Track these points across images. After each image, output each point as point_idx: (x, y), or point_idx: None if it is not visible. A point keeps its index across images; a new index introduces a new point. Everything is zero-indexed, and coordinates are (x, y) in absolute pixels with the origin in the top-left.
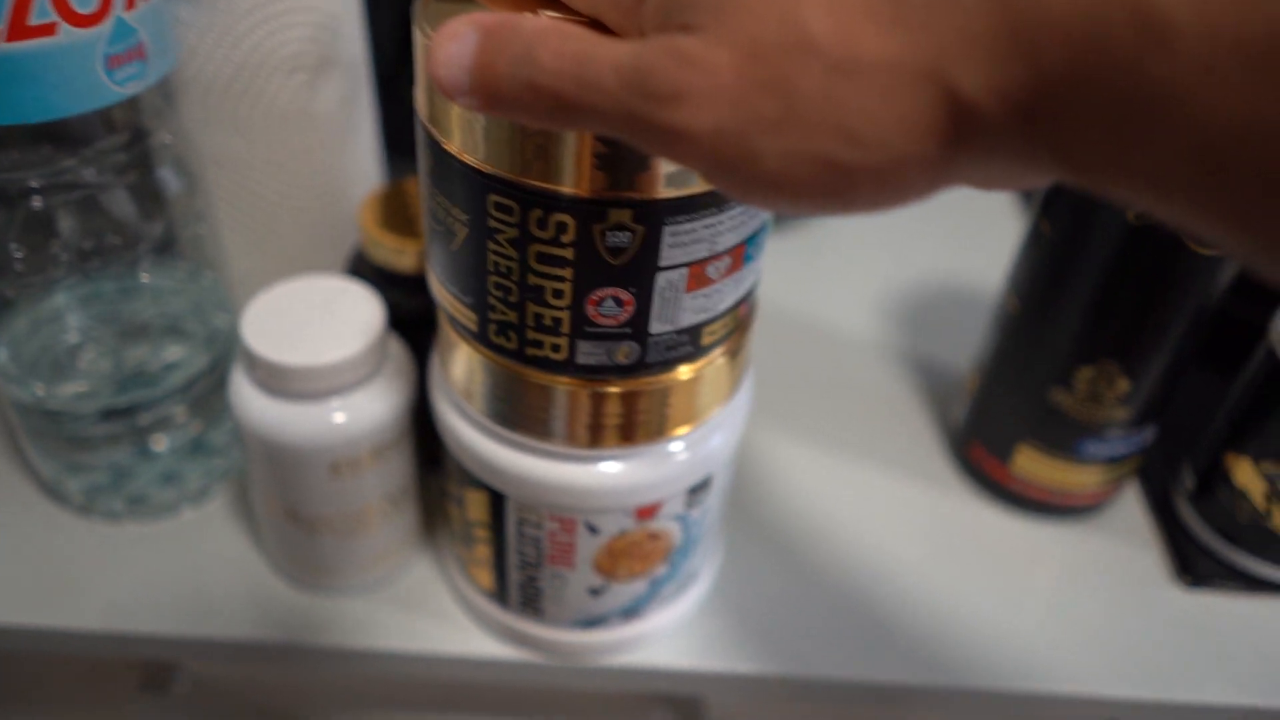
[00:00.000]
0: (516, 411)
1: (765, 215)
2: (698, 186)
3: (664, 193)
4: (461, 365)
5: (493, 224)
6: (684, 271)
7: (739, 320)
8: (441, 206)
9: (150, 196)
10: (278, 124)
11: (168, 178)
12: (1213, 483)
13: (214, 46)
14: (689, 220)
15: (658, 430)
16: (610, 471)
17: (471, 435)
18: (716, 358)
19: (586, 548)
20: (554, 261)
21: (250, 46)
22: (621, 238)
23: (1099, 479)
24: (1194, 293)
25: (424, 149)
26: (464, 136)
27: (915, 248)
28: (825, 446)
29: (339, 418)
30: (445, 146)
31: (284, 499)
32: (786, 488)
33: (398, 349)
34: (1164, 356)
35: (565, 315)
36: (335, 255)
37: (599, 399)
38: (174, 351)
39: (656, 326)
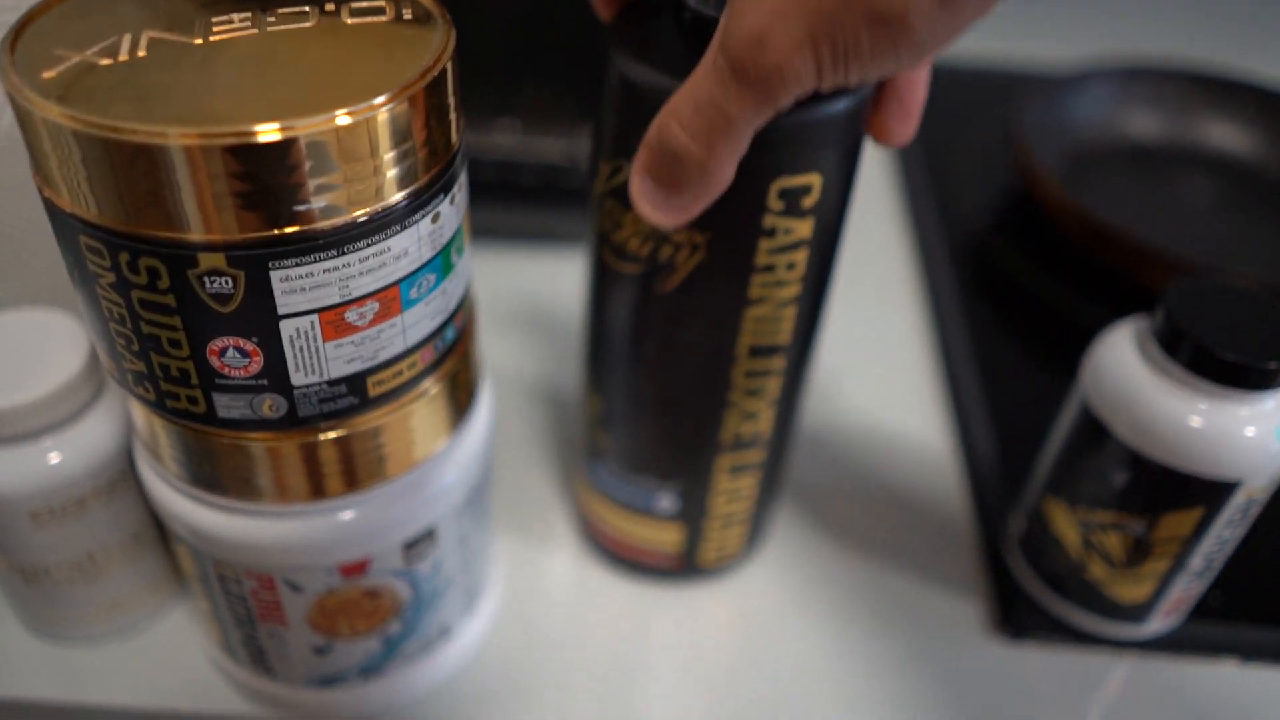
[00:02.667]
0: (183, 463)
1: (427, 253)
2: (298, 225)
3: (257, 235)
4: (133, 411)
5: (92, 268)
6: (313, 319)
7: (430, 363)
8: (61, 251)
9: None
10: (13, 147)
11: None
12: (1037, 528)
13: None
14: (300, 264)
15: (346, 482)
16: (293, 528)
17: (155, 483)
18: (406, 404)
19: (295, 606)
20: (158, 309)
21: None
22: (222, 284)
23: (654, 535)
24: (649, 331)
25: (41, 199)
26: (59, 181)
27: None
28: None
29: (53, 458)
30: (45, 193)
31: (3, 547)
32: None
33: None
34: (630, 389)
35: (190, 366)
36: None
37: (271, 454)
38: None
39: (299, 378)
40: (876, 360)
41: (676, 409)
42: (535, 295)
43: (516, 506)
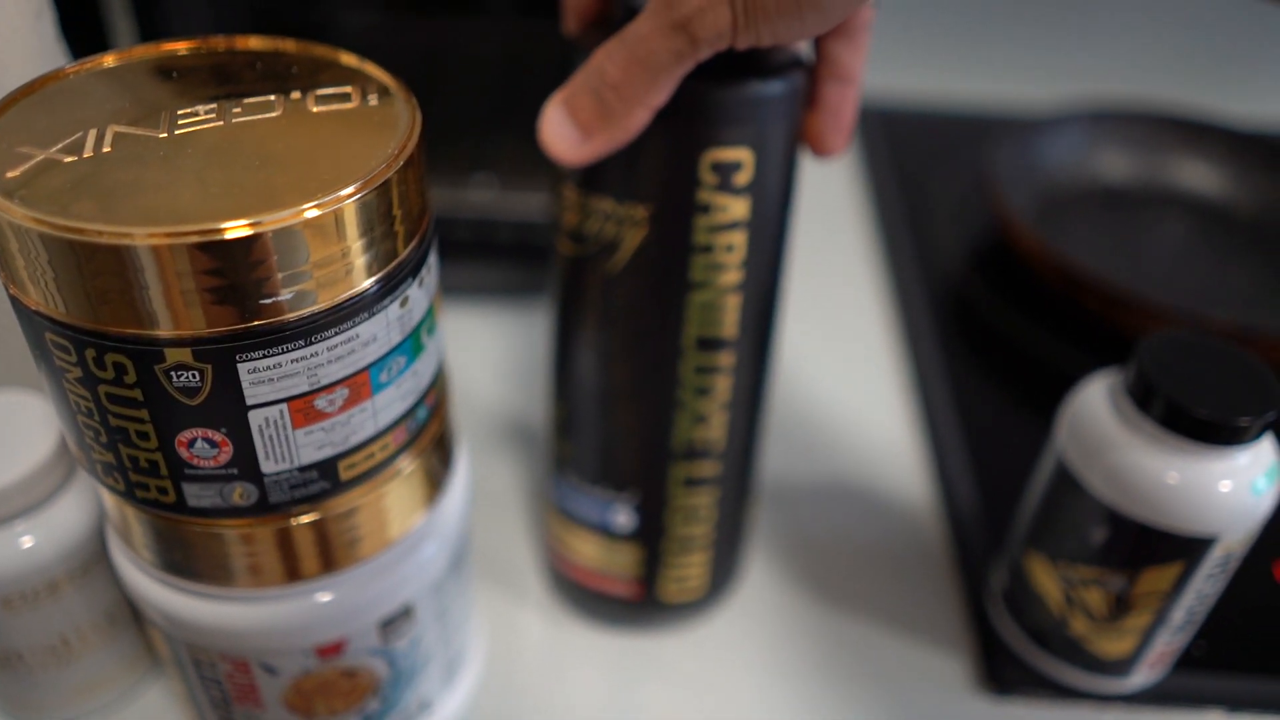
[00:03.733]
0: (156, 549)
1: (396, 337)
2: (266, 318)
3: (224, 329)
4: (104, 498)
5: (59, 363)
6: (282, 408)
7: (403, 443)
8: (28, 344)
9: None
10: None
11: None
12: (1019, 582)
13: None
14: (268, 355)
15: (320, 564)
16: (268, 612)
17: (128, 569)
18: (379, 485)
19: (270, 688)
20: (126, 403)
21: None
22: (189, 378)
23: (612, 557)
24: (600, 317)
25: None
26: (25, 279)
27: None
28: None
29: (26, 541)
30: (8, 287)
31: None
32: None
33: None
34: (584, 384)
35: (159, 457)
36: None
37: (243, 540)
38: None
39: (269, 466)
40: (854, 404)
41: (628, 405)
42: (512, 350)
43: (492, 561)
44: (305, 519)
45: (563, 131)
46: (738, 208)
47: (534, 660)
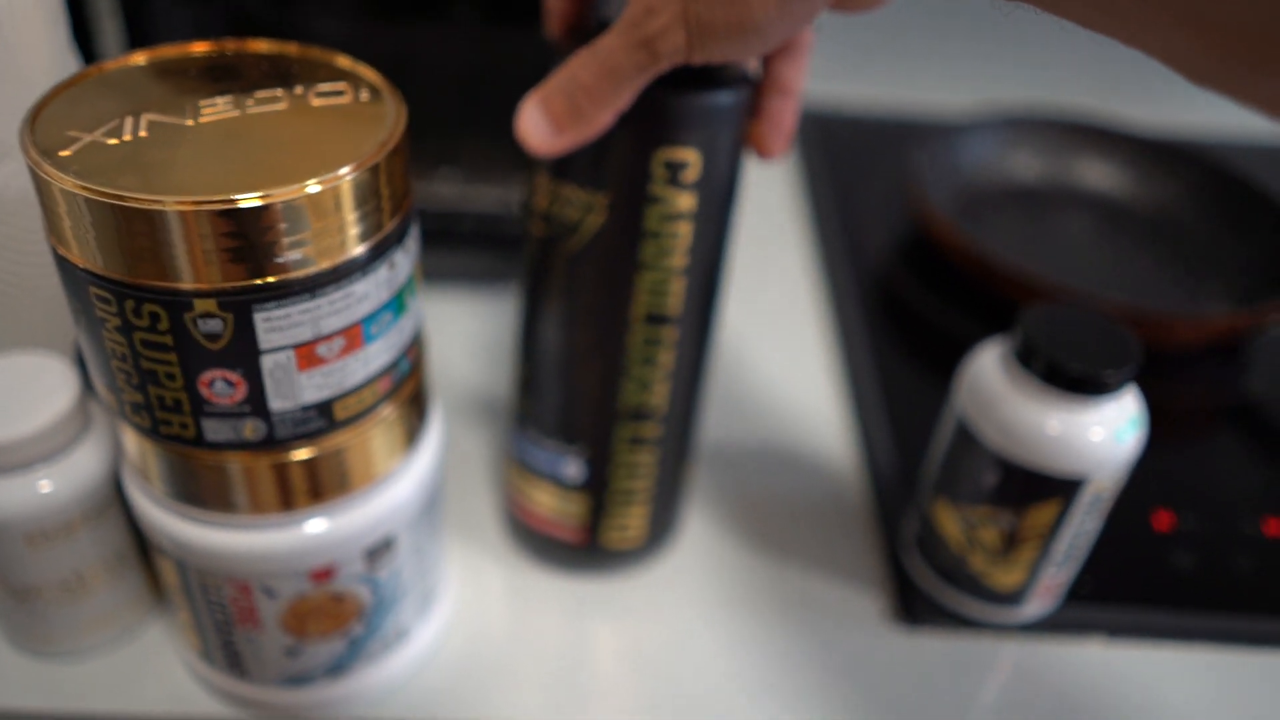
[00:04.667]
0: (170, 482)
1: (384, 296)
2: (277, 275)
3: (244, 283)
4: (125, 439)
5: (99, 314)
6: (289, 353)
7: (387, 391)
8: (69, 300)
9: None
10: None
11: None
12: (928, 526)
13: None
14: (280, 306)
15: (314, 496)
16: (268, 539)
17: (145, 505)
18: (367, 427)
19: (269, 610)
20: (158, 347)
21: None
22: (213, 325)
23: (562, 506)
24: (559, 289)
25: (53, 257)
26: (72, 242)
27: None
28: None
29: (45, 486)
30: (60, 251)
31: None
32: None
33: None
34: (543, 347)
35: (183, 396)
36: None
37: (250, 472)
38: None
39: (277, 404)
40: (787, 377)
41: (583, 369)
42: (477, 331)
43: (460, 513)
44: (304, 454)
45: (538, 126)
46: (685, 201)
47: (497, 598)
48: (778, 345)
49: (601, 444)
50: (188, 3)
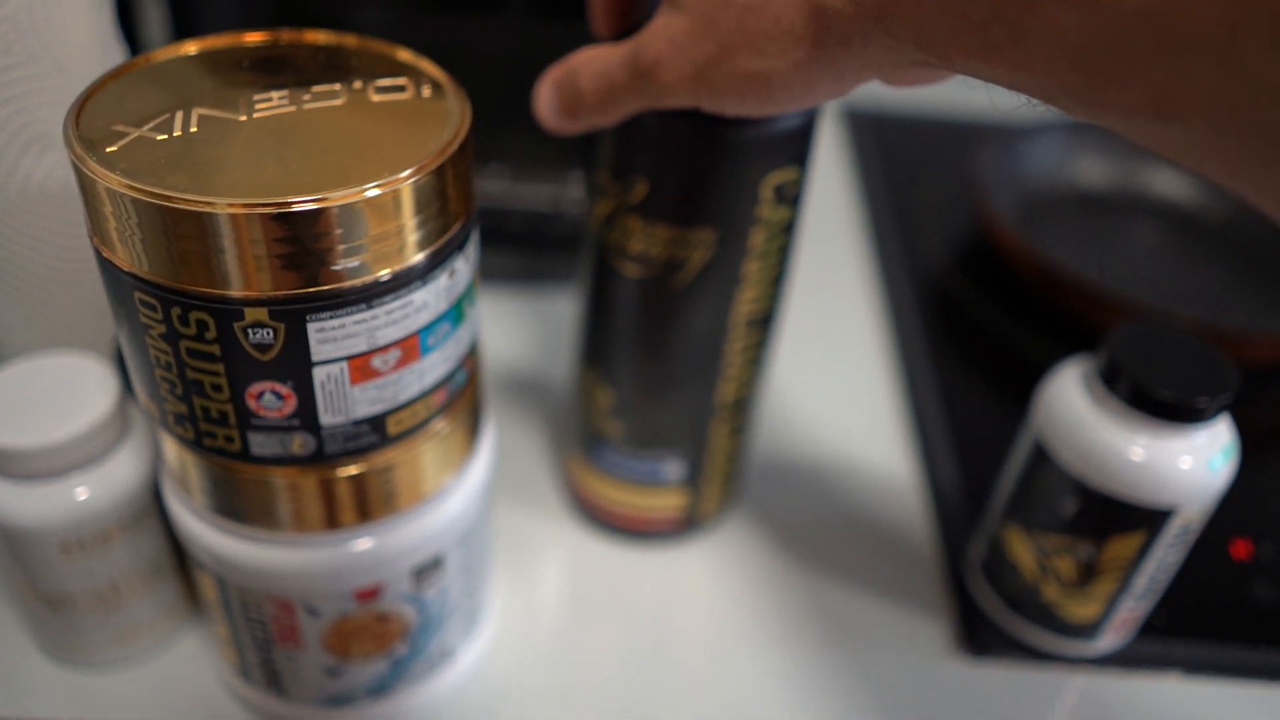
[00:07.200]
0: (212, 495)
1: (443, 305)
2: (332, 283)
3: (296, 291)
4: (165, 448)
5: (144, 320)
6: (343, 365)
7: (442, 404)
8: (111, 304)
9: None
10: (36, 202)
11: None
12: (996, 553)
13: None
14: (334, 317)
15: (362, 513)
16: (312, 556)
17: (185, 517)
18: (420, 443)
19: (311, 629)
20: (204, 357)
21: None
22: (264, 335)
23: (661, 502)
24: (663, 323)
25: (96, 258)
26: (116, 243)
27: None
28: None
29: (81, 493)
30: (103, 253)
31: (27, 577)
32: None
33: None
34: (644, 376)
35: (229, 408)
36: None
37: (296, 488)
38: None
39: (327, 419)
40: (844, 393)
41: (687, 384)
42: (523, 329)
43: (510, 525)
44: (353, 470)
45: (550, 106)
46: (786, 214)
47: (545, 614)
48: (834, 355)
49: (701, 440)
50: None
